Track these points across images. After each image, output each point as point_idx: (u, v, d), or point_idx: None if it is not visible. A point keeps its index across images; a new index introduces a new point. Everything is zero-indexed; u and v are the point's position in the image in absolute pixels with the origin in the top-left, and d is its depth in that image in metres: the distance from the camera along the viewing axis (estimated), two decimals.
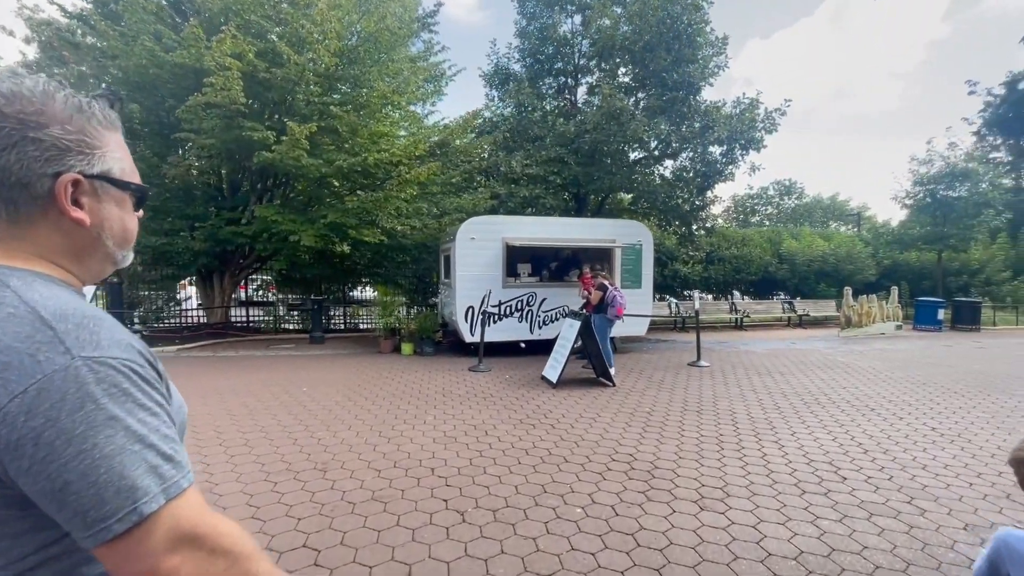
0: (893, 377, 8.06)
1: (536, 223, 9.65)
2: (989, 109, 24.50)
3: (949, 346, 11.81)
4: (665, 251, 18.15)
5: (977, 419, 5.74)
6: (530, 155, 11.91)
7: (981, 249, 19.52)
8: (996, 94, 24.05)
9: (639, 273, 10.21)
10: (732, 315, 14.91)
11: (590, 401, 6.37)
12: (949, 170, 17.13)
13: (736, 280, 18.23)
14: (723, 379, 7.84)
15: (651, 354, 10.30)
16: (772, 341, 12.55)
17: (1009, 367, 9.00)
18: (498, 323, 9.40)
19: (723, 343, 12.10)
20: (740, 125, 10.29)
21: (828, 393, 6.94)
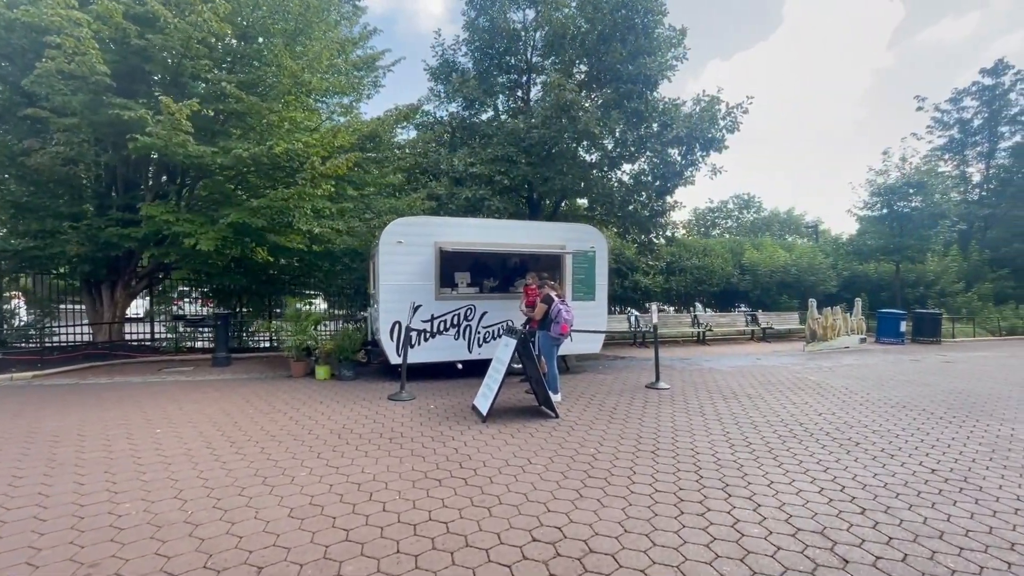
0: (870, 399, 7.18)
1: (475, 226, 8.45)
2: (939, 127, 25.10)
3: (917, 360, 11.22)
4: (625, 261, 17.32)
5: (978, 455, 4.81)
6: (475, 153, 10.76)
7: (936, 260, 19.56)
8: (943, 109, 24.65)
9: (592, 283, 9.13)
10: (694, 329, 14.06)
11: (523, 440, 5.13)
12: (904, 180, 17.00)
13: (698, 291, 17.54)
14: (684, 405, 6.77)
15: (606, 374, 9.19)
16: (736, 357, 11.69)
17: (986, 385, 8.32)
18: (430, 341, 8.09)
19: (685, 360, 11.14)
20: (700, 123, 9.47)
21: (803, 422, 5.94)
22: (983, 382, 8.59)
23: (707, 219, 58.72)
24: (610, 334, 13.43)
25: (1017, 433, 5.56)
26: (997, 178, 23.83)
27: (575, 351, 9.19)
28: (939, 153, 24.76)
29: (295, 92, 8.03)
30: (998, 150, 24.03)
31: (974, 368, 10.20)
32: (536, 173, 10.36)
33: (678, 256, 17.68)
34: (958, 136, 24.76)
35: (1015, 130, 23.58)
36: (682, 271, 17.38)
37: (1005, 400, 7.20)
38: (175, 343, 10.35)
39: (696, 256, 17.65)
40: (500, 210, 10.43)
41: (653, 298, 17.68)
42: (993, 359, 11.66)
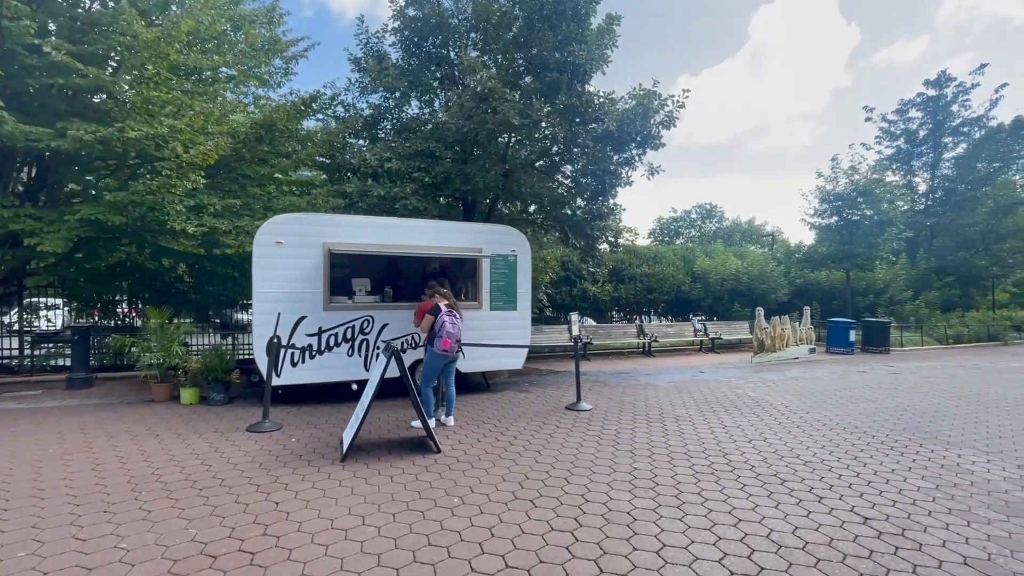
0: (808, 420, 6.42)
1: (374, 225, 7.38)
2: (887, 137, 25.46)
3: (864, 372, 10.68)
4: (574, 269, 16.54)
5: (919, 493, 4.01)
6: (392, 147, 9.72)
7: (885, 268, 19.49)
8: (890, 119, 25.00)
9: (513, 291, 8.17)
10: (640, 340, 13.28)
11: (377, 486, 4.07)
12: (852, 187, 16.82)
13: (648, 300, 16.86)
14: (599, 431, 5.83)
15: (529, 392, 8.22)
16: (680, 370, 10.91)
17: (932, 400, 7.72)
18: (317, 358, 6.95)
19: (624, 374, 10.29)
20: (634, 118, 8.70)
21: (728, 452, 5.07)
22: (929, 397, 8.00)
23: (671, 228, 59.26)
24: (553, 346, 12.51)
25: (963, 462, 4.82)
26: (942, 187, 24.22)
27: (492, 367, 8.18)
28: (887, 163, 25.07)
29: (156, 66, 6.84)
30: (942, 160, 24.48)
31: (921, 380, 9.68)
32: (459, 170, 9.38)
33: (628, 263, 17.00)
34: (904, 147, 25.15)
35: (957, 141, 24.08)
36: (632, 279, 16.68)
37: (951, 418, 6.54)
38: (33, 362, 8.84)
39: (646, 263, 17.00)
40: (420, 210, 9.39)
41: (602, 307, 16.93)
42: (940, 369, 11.24)
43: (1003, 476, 4.45)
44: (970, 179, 23.00)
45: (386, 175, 9.68)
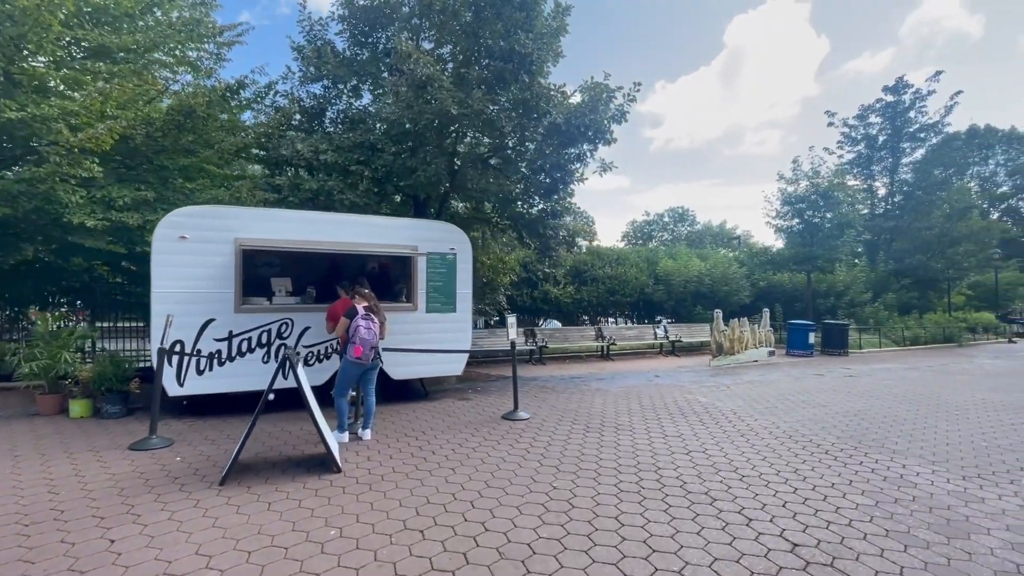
0: (755, 428, 6.07)
1: (295, 220, 6.77)
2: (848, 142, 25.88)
3: (820, 375, 10.50)
4: (535, 271, 16.13)
5: (857, 511, 3.64)
6: (329, 138, 9.10)
7: (845, 270, 19.65)
8: (851, 124, 25.41)
9: (452, 292, 7.65)
10: (599, 343, 12.91)
11: (247, 517, 3.50)
12: (813, 190, 16.86)
13: (611, 302, 16.55)
14: (530, 443, 5.36)
15: (468, 401, 7.70)
16: (635, 374, 10.55)
17: (883, 404, 7.49)
18: (227, 365, 6.30)
19: (576, 379, 9.86)
20: (583, 112, 8.30)
21: (662, 465, 4.65)
22: (881, 400, 7.78)
23: (644, 231, 59.63)
24: (500, 350, 12.02)
25: (907, 473, 4.50)
26: (901, 192, 24.71)
27: (428, 374, 7.64)
28: (848, 168, 25.47)
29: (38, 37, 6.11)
30: (901, 165, 24.98)
31: (875, 383, 9.52)
32: (401, 163, 8.83)
33: (590, 264, 16.67)
34: (865, 151, 25.59)
35: (915, 146, 24.62)
36: (595, 280, 16.35)
37: (900, 424, 6.29)
38: None
39: (609, 264, 16.70)
40: (358, 205, 8.80)
41: (564, 309, 16.55)
42: (895, 371, 11.17)
43: (947, 489, 4.14)
44: (927, 184, 23.51)
45: (323, 168, 9.07)
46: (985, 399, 7.94)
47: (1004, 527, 3.47)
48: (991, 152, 39.43)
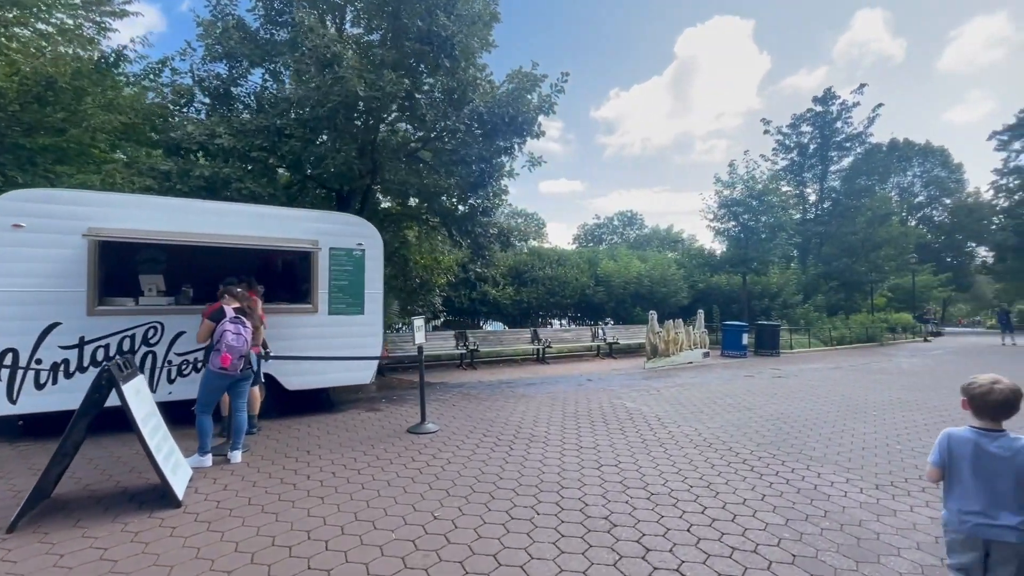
0: (676, 435, 5.74)
1: (164, 208, 5.87)
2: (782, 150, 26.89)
3: (751, 376, 10.49)
4: (474, 271, 15.56)
5: (765, 536, 3.28)
6: (226, 120, 8.17)
7: (778, 273, 20.25)
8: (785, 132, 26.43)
9: (360, 292, 6.94)
10: (534, 346, 12.47)
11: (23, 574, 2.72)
12: (748, 193, 17.21)
13: (551, 303, 16.21)
14: (426, 463, 4.76)
15: (378, 412, 7.01)
16: (567, 378, 10.16)
17: (806, 407, 7.40)
18: (77, 377, 5.34)
19: (505, 384, 9.35)
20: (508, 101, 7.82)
21: (568, 485, 4.17)
22: (805, 402, 7.71)
23: (594, 234, 60.40)
24: (436, 354, 11.36)
25: (821, 483, 4.23)
26: (829, 198, 25.90)
27: (331, 383, 6.89)
28: (782, 174, 26.47)
29: None
30: (830, 173, 26.21)
31: (801, 384, 9.55)
32: (308, 150, 8.02)
33: (531, 265, 16.28)
34: (797, 159, 26.69)
35: (842, 155, 25.89)
36: (535, 281, 15.96)
37: (819, 427, 6.14)
38: None
39: (550, 266, 16.36)
40: (262, 197, 7.93)
41: (503, 311, 16.06)
42: (820, 372, 11.35)
43: (859, 501, 3.87)
44: (852, 191, 24.76)
45: (221, 153, 8.13)
46: (901, 398, 8.03)
47: (914, 545, 3.19)
48: (909, 164, 42.43)
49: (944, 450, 2.13)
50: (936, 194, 42.51)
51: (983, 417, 2.08)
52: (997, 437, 2.03)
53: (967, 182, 43.21)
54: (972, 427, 2.10)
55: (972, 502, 2.03)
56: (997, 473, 2.00)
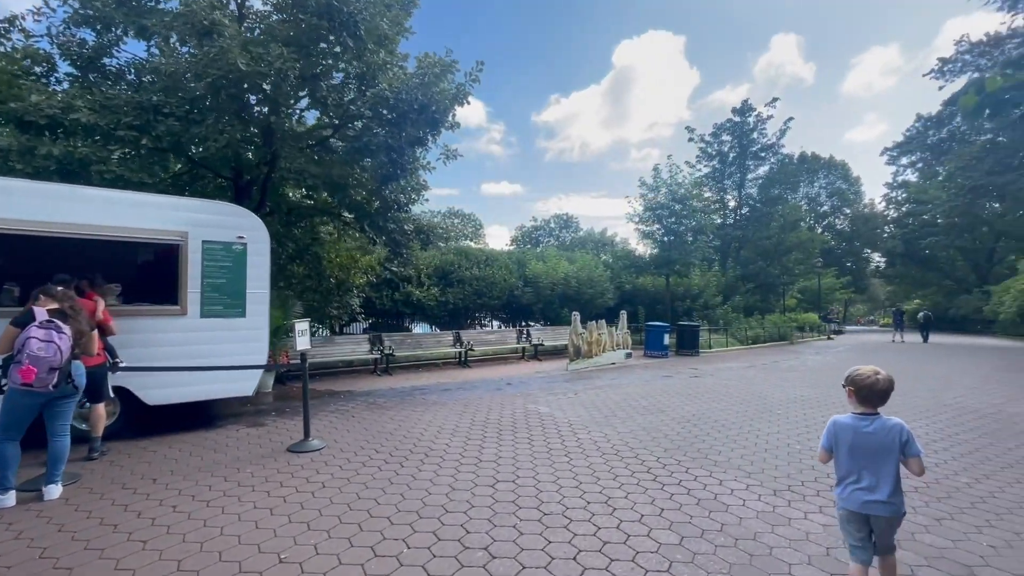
0: (584, 443, 5.44)
1: None
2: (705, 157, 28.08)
3: (669, 377, 10.56)
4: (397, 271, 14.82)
5: (657, 558, 2.97)
6: (88, 92, 7.02)
7: (700, 275, 21.02)
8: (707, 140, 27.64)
9: (240, 291, 6.13)
10: (457, 349, 11.95)
11: None
12: (671, 196, 17.65)
13: (478, 304, 15.76)
14: (298, 487, 4.12)
15: (261, 427, 6.22)
16: (485, 382, 9.74)
17: (719, 407, 7.41)
18: None
19: (417, 391, 8.76)
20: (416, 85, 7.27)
21: (453, 510, 3.71)
22: (716, 402, 7.74)
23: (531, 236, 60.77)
24: (348, 360, 10.56)
25: (721, 492, 4.04)
26: (747, 204, 27.36)
27: (205, 396, 6.01)
28: (704, 180, 27.67)
29: None
30: (747, 180, 27.71)
31: (716, 383, 9.70)
32: (189, 132, 7.06)
33: (457, 265, 15.75)
34: (718, 166, 28.02)
35: (757, 164, 27.47)
36: (461, 282, 15.44)
37: (727, 429, 6.08)
38: None
39: (477, 266, 15.91)
40: (131, 182, 6.86)
41: (428, 312, 15.42)
42: (735, 370, 11.68)
43: (756, 510, 3.70)
44: (767, 199, 26.31)
45: (81, 130, 6.97)
46: (804, 396, 8.29)
47: (806, 559, 3.01)
48: (816, 176, 46.08)
49: (831, 435, 2.44)
50: (838, 204, 46.47)
51: (865, 404, 2.36)
52: (873, 420, 2.33)
53: (864, 194, 47.69)
54: (853, 414, 2.40)
55: (854, 480, 2.33)
56: (873, 451, 2.29)
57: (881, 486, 2.25)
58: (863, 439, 2.32)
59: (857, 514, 2.32)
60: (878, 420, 2.32)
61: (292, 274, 12.23)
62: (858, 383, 2.35)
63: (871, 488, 2.27)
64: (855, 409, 2.38)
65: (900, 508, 2.28)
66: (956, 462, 4.86)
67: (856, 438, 2.33)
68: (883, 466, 2.27)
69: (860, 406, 2.36)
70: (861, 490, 2.29)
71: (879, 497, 2.26)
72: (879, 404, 2.34)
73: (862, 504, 2.29)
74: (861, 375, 2.35)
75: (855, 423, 2.36)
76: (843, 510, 2.39)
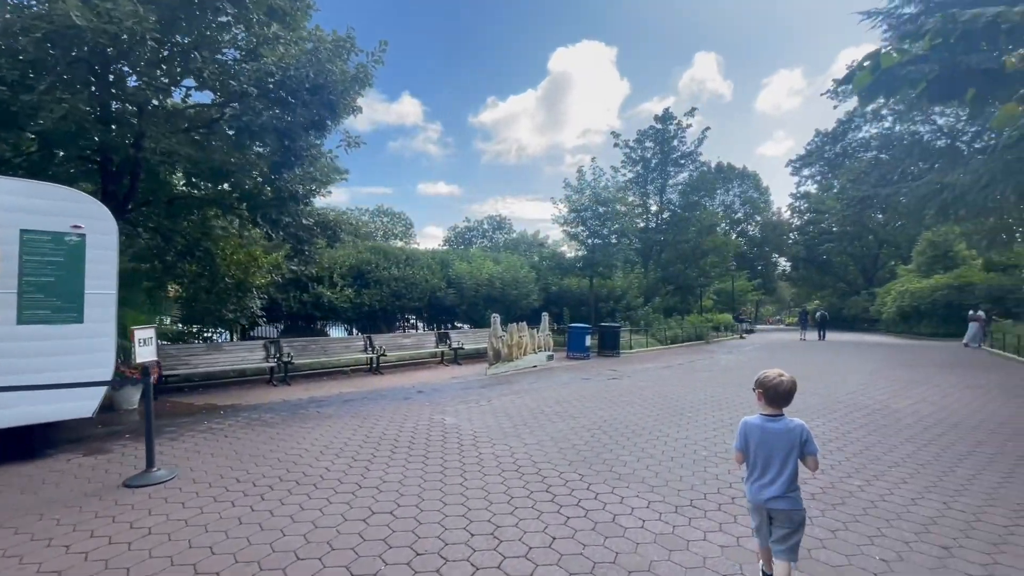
0: (485, 458, 4.97)
1: None
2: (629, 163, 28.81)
3: (587, 379, 10.40)
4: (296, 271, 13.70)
5: None
6: None
7: (622, 276, 21.42)
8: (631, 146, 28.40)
9: (77, 293, 5.08)
10: (368, 354, 11.13)
11: None
12: (595, 199, 17.76)
13: (398, 307, 14.94)
14: (115, 535, 3.30)
15: (100, 456, 5.19)
16: (393, 392, 9.05)
17: (629, 410, 7.24)
18: None
19: (313, 404, 7.92)
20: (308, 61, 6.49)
21: (307, 551, 3.08)
22: (630, 406, 7.58)
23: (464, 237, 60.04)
24: (242, 369, 9.42)
25: (621, 512, 3.71)
26: (668, 209, 28.39)
27: (18, 420, 4.90)
28: (629, 185, 28.39)
29: None
30: (668, 186, 28.75)
31: (632, 385, 9.64)
32: (18, 99, 5.82)
33: (375, 264, 14.84)
34: (642, 172, 28.85)
35: (678, 171, 28.58)
36: (378, 283, 14.56)
37: (636, 435, 5.87)
38: None
39: (396, 265, 15.08)
40: None
41: (341, 314, 14.40)
42: (652, 371, 11.78)
43: (654, 533, 3.39)
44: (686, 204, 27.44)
45: None
46: (714, 396, 8.37)
47: None
48: (731, 185, 49.20)
49: (742, 435, 2.57)
50: (751, 212, 49.90)
51: (772, 405, 2.50)
52: (778, 420, 2.49)
53: (773, 203, 51.55)
54: (761, 414, 2.53)
55: (760, 476, 2.49)
56: (776, 449, 2.45)
57: (780, 482, 2.43)
58: (768, 437, 2.47)
59: (761, 508, 2.50)
60: (782, 420, 2.48)
61: (183, 273, 10.86)
62: (765, 386, 2.49)
63: (771, 484, 2.44)
64: (763, 410, 2.53)
65: (798, 503, 2.44)
66: (849, 463, 4.90)
67: (762, 436, 2.49)
68: (784, 463, 2.44)
69: (768, 407, 2.51)
70: (763, 486, 2.46)
71: (777, 492, 2.43)
72: (784, 405, 2.50)
73: (764, 500, 2.46)
74: (768, 378, 2.50)
75: (762, 423, 2.51)
76: (750, 503, 2.57)
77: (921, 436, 5.88)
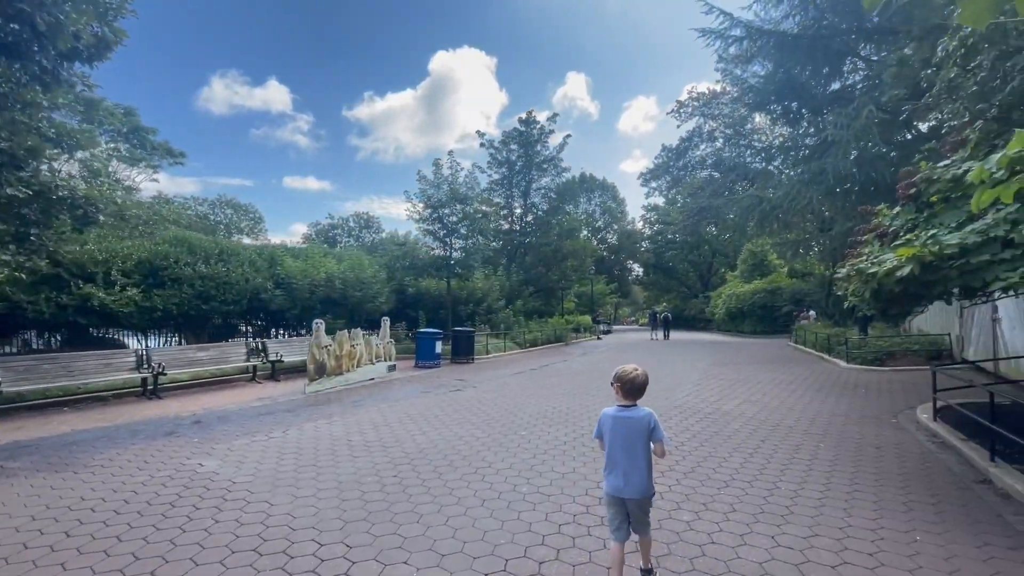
0: (214, 535, 3.43)
1: None
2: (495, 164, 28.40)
3: (427, 392, 9.18)
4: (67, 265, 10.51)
5: None
6: None
7: (483, 278, 20.69)
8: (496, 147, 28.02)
9: None
10: (142, 374, 8.58)
11: None
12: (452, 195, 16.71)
13: (205, 311, 12.22)
14: None
15: None
16: (155, 423, 6.89)
17: (456, 431, 6.16)
18: None
19: (19, 449, 5.52)
20: None
21: None
22: (461, 425, 6.51)
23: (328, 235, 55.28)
24: None
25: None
26: (532, 212, 28.57)
27: None
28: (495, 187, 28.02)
29: None
30: (532, 190, 28.97)
31: (474, 397, 8.64)
32: None
33: (174, 259, 11.99)
34: (507, 173, 28.69)
35: (541, 175, 28.96)
36: (178, 281, 11.75)
37: (449, 471, 4.75)
38: None
39: (205, 261, 12.37)
40: None
41: (120, 322, 11.34)
42: (502, 378, 10.98)
43: None
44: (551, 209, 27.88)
45: None
46: (556, 408, 7.69)
47: None
48: (593, 194, 52.17)
49: (600, 425, 2.74)
50: (609, 221, 53.46)
51: (628, 397, 2.65)
52: (631, 409, 2.65)
53: (628, 214, 55.86)
54: (618, 405, 2.69)
55: (615, 465, 2.63)
56: (628, 437, 2.61)
57: (633, 470, 2.57)
58: (621, 425, 2.62)
59: (615, 497, 2.61)
60: (634, 409, 2.64)
61: None
62: (623, 380, 2.63)
63: (625, 474, 2.58)
64: (620, 402, 2.67)
65: (649, 490, 2.60)
66: (680, 487, 4.32)
67: (616, 424, 2.64)
68: (635, 450, 2.58)
69: (624, 399, 2.65)
70: (617, 477, 2.60)
71: (629, 481, 2.57)
72: (638, 396, 2.65)
73: (618, 489, 2.58)
74: (625, 373, 2.64)
75: (617, 413, 2.66)
76: (605, 495, 2.66)
77: (747, 443, 5.66)
